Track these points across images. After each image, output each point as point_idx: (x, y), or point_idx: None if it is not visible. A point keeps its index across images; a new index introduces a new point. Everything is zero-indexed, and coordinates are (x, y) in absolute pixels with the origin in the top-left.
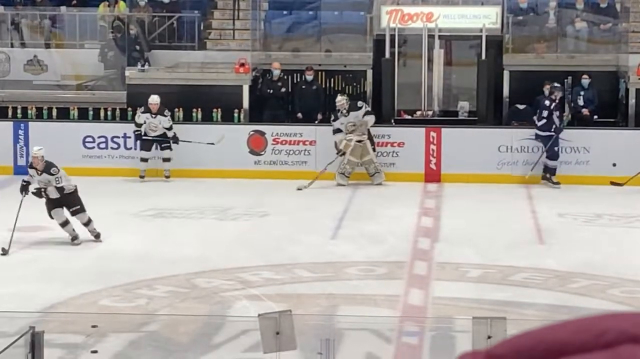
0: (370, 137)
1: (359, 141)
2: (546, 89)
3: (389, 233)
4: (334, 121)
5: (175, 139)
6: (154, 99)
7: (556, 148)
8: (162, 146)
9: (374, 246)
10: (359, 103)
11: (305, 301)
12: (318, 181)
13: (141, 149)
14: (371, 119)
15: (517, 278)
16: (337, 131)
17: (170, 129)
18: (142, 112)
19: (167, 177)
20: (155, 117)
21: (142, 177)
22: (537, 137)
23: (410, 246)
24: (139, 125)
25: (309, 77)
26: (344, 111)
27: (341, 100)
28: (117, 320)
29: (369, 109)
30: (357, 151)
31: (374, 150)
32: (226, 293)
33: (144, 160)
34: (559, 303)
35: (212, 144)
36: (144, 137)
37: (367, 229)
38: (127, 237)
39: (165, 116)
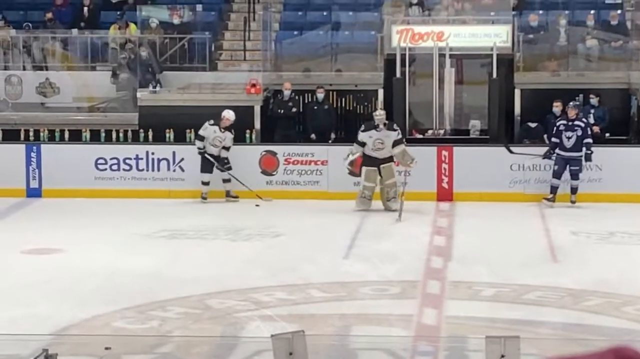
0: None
1: (383, 163)
2: (555, 108)
3: (402, 252)
4: (363, 131)
5: (228, 165)
6: (231, 116)
7: (556, 167)
8: (226, 166)
9: (387, 266)
10: (395, 126)
11: (319, 321)
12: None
13: (202, 171)
14: (399, 148)
15: (530, 296)
16: (360, 143)
17: (228, 149)
18: (211, 124)
19: (235, 197)
20: (223, 132)
21: (204, 198)
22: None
23: (423, 265)
24: (201, 139)
25: (320, 96)
26: (381, 125)
27: (381, 114)
28: (130, 342)
29: (401, 136)
30: (371, 176)
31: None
32: (239, 314)
33: (206, 184)
34: (573, 321)
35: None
36: (206, 155)
37: (380, 249)
38: (140, 259)
39: (232, 134)
